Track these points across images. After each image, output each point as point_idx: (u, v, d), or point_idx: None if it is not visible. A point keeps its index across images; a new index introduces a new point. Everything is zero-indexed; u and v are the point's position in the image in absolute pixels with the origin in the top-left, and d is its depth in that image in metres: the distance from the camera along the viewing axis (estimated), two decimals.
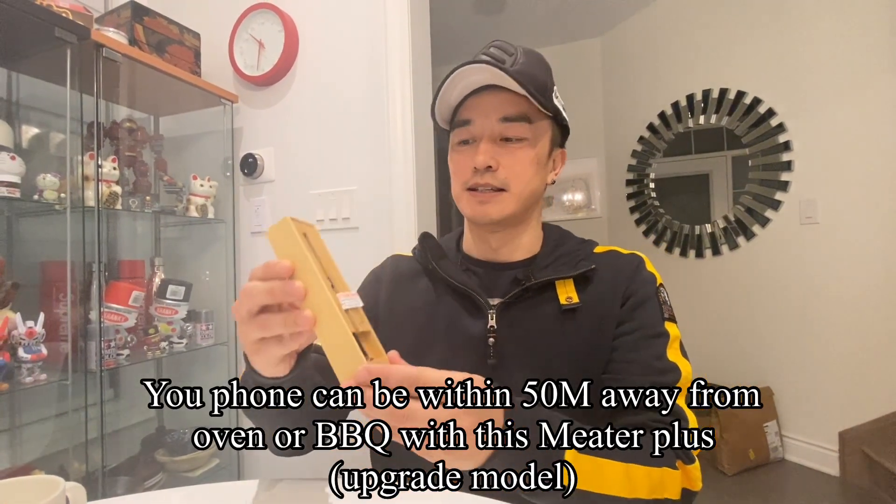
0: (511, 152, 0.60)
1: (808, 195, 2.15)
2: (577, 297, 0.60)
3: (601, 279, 0.62)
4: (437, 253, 0.68)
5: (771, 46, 2.26)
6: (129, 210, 1.27)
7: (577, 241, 0.68)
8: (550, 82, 0.64)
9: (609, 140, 3.21)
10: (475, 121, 0.61)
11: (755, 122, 2.33)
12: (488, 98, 0.60)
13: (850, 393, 2.01)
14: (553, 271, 0.62)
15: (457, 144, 0.64)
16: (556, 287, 0.61)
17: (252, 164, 1.47)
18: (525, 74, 0.58)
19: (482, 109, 0.61)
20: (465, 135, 0.62)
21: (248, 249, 1.53)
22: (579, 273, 0.61)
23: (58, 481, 0.38)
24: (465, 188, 0.62)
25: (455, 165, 0.64)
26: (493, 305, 0.61)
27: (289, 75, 1.46)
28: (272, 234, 0.39)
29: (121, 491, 1.23)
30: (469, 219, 0.66)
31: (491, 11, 2.92)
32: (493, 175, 0.60)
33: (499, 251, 0.66)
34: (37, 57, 1.14)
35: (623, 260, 0.65)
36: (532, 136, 0.61)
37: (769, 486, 1.99)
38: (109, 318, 1.18)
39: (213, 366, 1.53)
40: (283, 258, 0.38)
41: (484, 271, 0.66)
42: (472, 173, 0.61)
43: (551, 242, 0.68)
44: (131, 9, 1.25)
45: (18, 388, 0.99)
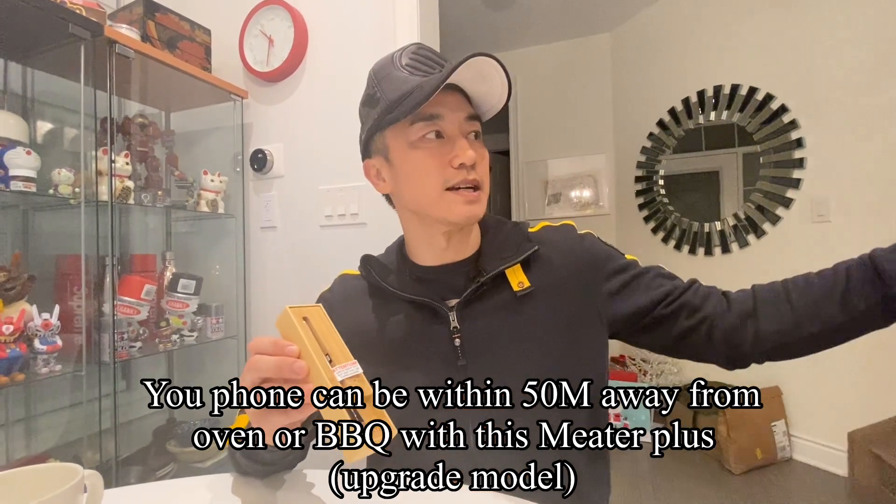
0: (479, 151, 0.60)
1: (820, 193, 2.12)
2: (528, 282, 0.61)
3: (546, 258, 0.64)
4: (383, 271, 0.67)
5: (784, 42, 2.23)
6: (142, 205, 1.29)
7: (511, 225, 0.68)
8: None
9: (618, 136, 3.18)
10: (445, 116, 0.57)
11: (767, 118, 2.30)
12: (452, 95, 0.58)
13: (860, 393, 1.99)
14: (500, 261, 0.62)
15: (419, 140, 0.58)
16: (507, 275, 0.62)
17: (262, 159, 1.48)
18: None
19: (451, 105, 0.58)
20: (435, 127, 0.58)
21: (257, 244, 1.54)
22: (524, 257, 0.62)
23: (77, 469, 0.39)
24: (444, 188, 0.58)
25: (425, 163, 0.58)
26: (452, 307, 0.60)
27: (298, 71, 1.47)
28: (278, 323, 0.45)
29: (133, 480, 1.25)
30: (453, 223, 0.60)
31: (500, 6, 2.91)
32: (476, 171, 0.59)
33: (447, 252, 0.64)
34: (51, 53, 1.16)
35: (557, 233, 0.67)
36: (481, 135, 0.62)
37: (776, 486, 1.98)
38: (122, 310, 1.20)
39: (222, 359, 1.55)
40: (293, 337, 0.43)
41: (434, 276, 0.65)
42: (452, 171, 0.58)
43: (490, 232, 0.68)
44: (143, 5, 1.27)
45: (34, 379, 1.01)
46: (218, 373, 1.56)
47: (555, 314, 0.60)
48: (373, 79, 0.61)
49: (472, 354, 0.59)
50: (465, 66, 0.53)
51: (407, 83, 0.57)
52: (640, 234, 2.96)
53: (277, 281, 1.51)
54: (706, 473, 2.08)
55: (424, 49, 0.60)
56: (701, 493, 1.93)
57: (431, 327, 0.61)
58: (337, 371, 0.42)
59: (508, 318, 0.60)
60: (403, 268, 0.68)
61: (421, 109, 0.56)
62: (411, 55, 0.59)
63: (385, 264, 0.69)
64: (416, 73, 0.58)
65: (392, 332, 0.63)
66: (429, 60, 0.59)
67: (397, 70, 0.58)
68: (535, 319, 0.60)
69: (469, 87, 0.59)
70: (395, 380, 0.60)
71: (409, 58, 0.59)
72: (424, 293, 0.62)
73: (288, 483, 0.57)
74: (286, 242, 1.50)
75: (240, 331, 1.51)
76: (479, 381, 0.58)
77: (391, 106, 0.57)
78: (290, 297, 1.48)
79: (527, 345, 0.59)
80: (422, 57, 0.59)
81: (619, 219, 3.19)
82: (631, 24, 3.03)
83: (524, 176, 3.49)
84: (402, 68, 0.58)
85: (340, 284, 0.72)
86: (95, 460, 1.12)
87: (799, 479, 2.02)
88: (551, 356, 0.59)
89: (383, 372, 0.59)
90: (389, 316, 0.64)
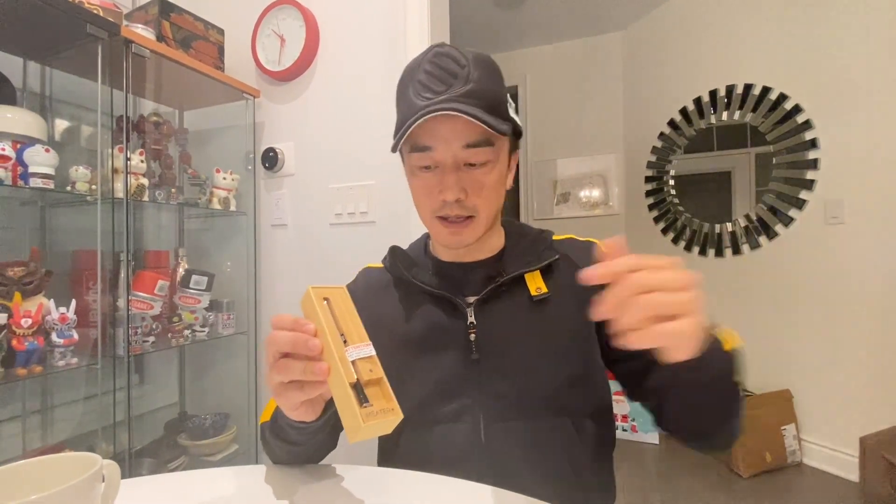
0: (476, 179, 0.59)
1: (834, 194, 2.09)
2: (546, 287, 0.63)
3: (565, 267, 0.65)
4: (408, 262, 0.69)
5: (798, 41, 2.20)
6: (156, 202, 1.31)
7: (536, 232, 0.70)
8: (504, 91, 0.61)
9: (628, 136, 3.16)
10: (436, 147, 0.58)
11: (780, 118, 2.27)
12: (447, 124, 0.56)
13: (873, 397, 1.96)
14: (521, 265, 0.64)
15: (417, 169, 0.61)
16: (526, 279, 0.64)
17: (273, 157, 1.49)
18: (483, 95, 0.56)
19: (442, 136, 0.57)
20: (426, 161, 0.59)
21: (268, 241, 1.56)
22: (545, 264, 0.64)
23: (95, 458, 0.40)
24: (434, 216, 0.62)
25: (419, 192, 0.62)
26: (470, 303, 0.63)
27: (309, 70, 1.48)
28: (302, 302, 0.47)
29: (145, 472, 1.28)
30: (443, 246, 0.67)
31: (511, 5, 2.90)
32: (462, 205, 0.59)
33: (467, 254, 0.68)
34: (69, 52, 1.18)
35: (581, 245, 0.69)
36: (494, 157, 0.60)
37: (785, 490, 1.96)
38: (136, 305, 1.22)
39: (233, 354, 1.57)
40: (312, 315, 0.45)
41: (455, 272, 0.67)
42: (440, 203, 0.60)
43: (513, 237, 0.70)
44: (159, 5, 1.28)
45: (51, 372, 1.04)
46: (229, 368, 1.58)
47: (567, 322, 0.62)
48: (398, 88, 0.62)
49: (486, 350, 0.61)
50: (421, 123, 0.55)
51: (410, 109, 0.57)
52: (649, 234, 2.94)
53: (287, 278, 1.53)
54: (714, 476, 2.07)
55: (444, 57, 0.58)
56: (708, 495, 1.92)
57: (449, 320, 0.63)
58: (349, 350, 0.44)
59: (524, 320, 0.62)
60: (426, 262, 0.71)
61: (415, 140, 0.58)
62: (427, 67, 0.58)
63: (411, 256, 0.71)
64: (425, 92, 0.57)
65: (410, 322, 0.65)
66: (443, 75, 0.57)
67: (412, 85, 0.58)
68: (548, 324, 0.62)
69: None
70: (409, 368, 0.62)
71: (425, 70, 0.58)
72: (445, 287, 0.64)
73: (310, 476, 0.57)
74: (296, 240, 1.52)
75: (250, 327, 1.53)
76: (491, 377, 0.60)
77: (396, 130, 0.60)
78: (300, 293, 1.49)
79: (539, 347, 0.61)
80: (436, 71, 0.57)
81: (628, 219, 3.17)
82: (643, 23, 3.01)
83: (533, 175, 3.48)
84: (416, 84, 0.58)
85: (364, 276, 0.75)
86: (109, 451, 1.15)
87: (808, 484, 2.00)
88: (561, 360, 0.61)
89: (399, 358, 0.61)
90: (409, 307, 0.66)
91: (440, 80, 0.57)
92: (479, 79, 0.57)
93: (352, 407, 0.41)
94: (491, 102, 0.57)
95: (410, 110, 0.57)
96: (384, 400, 0.44)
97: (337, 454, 0.62)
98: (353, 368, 0.43)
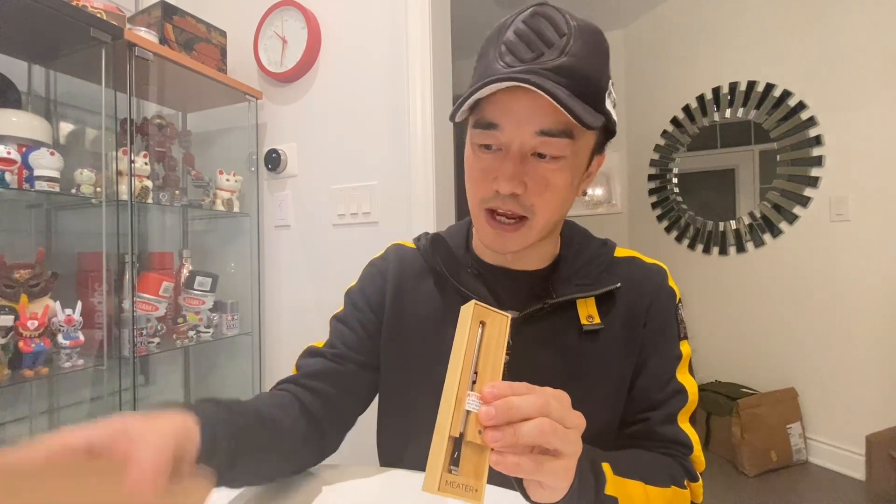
0: (543, 174, 0.49)
1: (839, 192, 2.08)
2: (599, 318, 0.55)
3: (624, 296, 0.57)
4: (449, 258, 0.61)
5: (801, 37, 2.19)
6: (159, 204, 1.32)
7: (597, 245, 0.62)
8: (606, 76, 0.50)
9: (631, 134, 3.15)
10: (505, 128, 0.48)
11: (784, 115, 2.26)
12: (524, 100, 0.46)
13: (879, 396, 1.95)
14: (575, 287, 0.56)
15: (477, 147, 0.51)
16: (577, 304, 0.56)
17: (276, 159, 1.50)
18: (576, 74, 0.46)
19: (515, 115, 0.47)
20: (489, 139, 0.49)
21: (271, 242, 1.57)
22: (602, 292, 0.56)
23: None
24: (482, 206, 0.52)
25: (472, 174, 0.52)
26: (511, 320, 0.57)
27: (311, 71, 1.48)
28: (461, 311, 0.41)
29: None
30: (484, 245, 0.56)
31: (513, 4, 2.90)
32: (517, 201, 0.50)
33: (515, 260, 0.59)
34: (73, 56, 1.19)
35: (645, 272, 0.60)
36: (571, 154, 0.49)
37: (791, 489, 1.95)
38: (141, 307, 1.23)
39: (237, 354, 1.58)
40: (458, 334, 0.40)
41: (499, 279, 0.59)
42: (491, 193, 0.50)
43: (573, 247, 0.60)
44: (161, 8, 1.29)
45: (58, 373, 1.04)
46: (233, 368, 1.59)
47: (615, 360, 0.56)
48: (482, 46, 0.52)
49: (520, 377, 0.52)
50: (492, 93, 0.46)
51: (486, 72, 0.48)
52: (653, 232, 2.93)
53: (291, 279, 1.54)
54: (719, 475, 2.06)
55: (541, 19, 0.47)
56: (714, 494, 1.91)
57: None
58: (471, 398, 0.37)
59: (568, 352, 0.55)
60: (467, 259, 0.62)
61: (481, 113, 0.49)
62: (519, 26, 0.48)
63: (451, 248, 0.62)
64: (507, 56, 0.47)
65: (443, 327, 0.56)
66: (534, 41, 0.47)
67: (498, 44, 0.49)
68: (595, 360, 0.55)
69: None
70: (432, 378, 0.56)
71: (515, 31, 0.48)
72: (483, 294, 0.56)
73: (312, 476, 0.58)
74: (299, 241, 1.52)
75: (254, 327, 1.54)
76: None
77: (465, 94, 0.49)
78: (304, 294, 1.50)
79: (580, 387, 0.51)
80: (528, 34, 0.47)
81: (631, 217, 3.16)
82: (644, 20, 3.00)
83: None
84: (501, 45, 0.49)
85: (396, 254, 0.66)
86: None
87: (814, 483, 1.99)
88: (602, 405, 0.55)
89: (422, 361, 0.56)
90: (441, 306, 0.59)
91: (529, 45, 0.47)
92: (577, 53, 0.46)
93: (438, 462, 0.34)
94: (585, 85, 0.46)
95: (485, 73, 0.48)
96: (474, 476, 0.35)
97: (338, 454, 0.63)
98: (464, 420, 0.36)
